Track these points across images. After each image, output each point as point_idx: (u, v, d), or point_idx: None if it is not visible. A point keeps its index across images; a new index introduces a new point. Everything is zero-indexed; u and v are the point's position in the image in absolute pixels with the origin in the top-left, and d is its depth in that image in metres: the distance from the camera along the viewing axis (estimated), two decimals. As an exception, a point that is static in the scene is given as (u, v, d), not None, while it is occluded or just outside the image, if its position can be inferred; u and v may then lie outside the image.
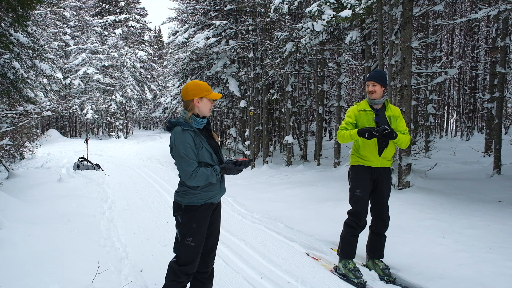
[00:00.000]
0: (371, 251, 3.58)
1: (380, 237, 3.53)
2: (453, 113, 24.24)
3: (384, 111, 3.43)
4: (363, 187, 3.39)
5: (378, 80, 3.35)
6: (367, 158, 3.38)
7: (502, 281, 3.08)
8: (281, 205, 6.49)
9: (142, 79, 34.49)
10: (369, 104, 3.43)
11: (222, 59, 14.16)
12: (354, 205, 3.44)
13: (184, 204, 2.48)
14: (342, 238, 3.53)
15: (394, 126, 3.39)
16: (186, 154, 2.33)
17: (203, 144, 2.41)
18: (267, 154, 13.22)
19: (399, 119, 3.47)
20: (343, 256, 3.48)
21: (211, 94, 2.48)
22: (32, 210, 5.38)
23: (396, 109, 3.50)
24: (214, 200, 2.54)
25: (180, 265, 2.47)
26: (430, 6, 8.15)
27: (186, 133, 2.36)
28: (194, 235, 2.46)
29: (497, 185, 6.49)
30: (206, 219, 2.51)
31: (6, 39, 7.29)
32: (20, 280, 3.06)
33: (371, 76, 3.41)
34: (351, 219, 3.46)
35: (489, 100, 10.08)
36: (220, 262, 3.89)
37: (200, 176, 2.35)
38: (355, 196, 3.42)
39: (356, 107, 3.48)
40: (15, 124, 8.77)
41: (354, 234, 3.46)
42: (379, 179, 3.42)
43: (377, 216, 3.48)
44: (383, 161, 3.39)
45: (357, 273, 3.32)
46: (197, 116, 2.47)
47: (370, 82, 3.39)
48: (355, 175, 3.47)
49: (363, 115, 3.40)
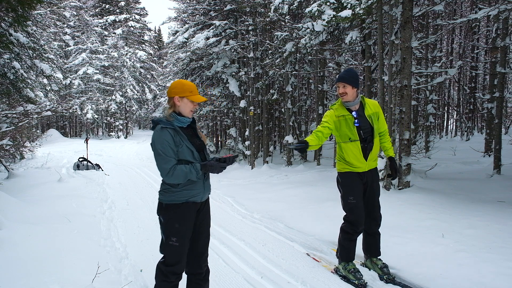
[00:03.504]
0: (368, 251, 3.55)
1: (375, 236, 3.50)
2: (453, 113, 24.24)
3: (363, 112, 3.26)
4: (356, 193, 3.30)
5: (348, 81, 3.14)
6: (354, 165, 3.29)
7: (502, 281, 3.08)
8: (281, 205, 6.49)
9: (142, 79, 34.48)
10: (345, 107, 3.24)
11: (222, 59, 14.16)
12: (350, 213, 3.35)
13: (165, 202, 2.46)
14: (340, 243, 3.47)
15: (376, 126, 3.27)
16: (164, 151, 2.33)
17: (183, 142, 2.39)
18: (267, 154, 13.22)
19: (380, 116, 3.32)
20: (342, 259, 3.45)
21: (193, 97, 2.45)
22: (32, 210, 5.38)
23: (375, 104, 3.34)
24: (197, 199, 2.49)
25: (168, 266, 2.46)
26: (430, 6, 8.15)
27: (165, 131, 2.36)
28: (178, 235, 2.44)
29: (497, 185, 6.49)
30: (189, 218, 2.47)
31: (6, 39, 7.29)
32: (20, 280, 3.06)
33: (340, 77, 3.17)
34: (347, 226, 3.37)
35: (489, 100, 10.08)
36: (220, 262, 3.89)
37: (178, 173, 2.33)
38: (350, 204, 3.32)
39: (333, 113, 3.27)
40: (15, 124, 8.77)
41: (351, 239, 3.40)
42: (368, 181, 3.37)
43: (369, 216, 3.41)
44: (370, 164, 3.32)
45: (358, 274, 3.29)
46: (179, 114, 2.47)
47: (340, 84, 3.18)
48: (345, 182, 3.37)
49: (342, 121, 3.23)
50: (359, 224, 3.33)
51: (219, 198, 7.52)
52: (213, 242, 4.59)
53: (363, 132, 3.23)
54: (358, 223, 3.32)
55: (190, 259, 2.60)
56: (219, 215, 6.03)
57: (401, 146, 6.19)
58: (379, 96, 7.43)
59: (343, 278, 3.42)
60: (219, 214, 6.10)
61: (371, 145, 3.28)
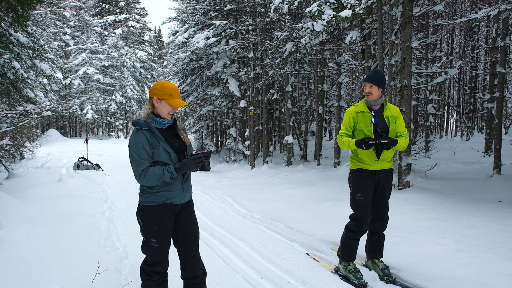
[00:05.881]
0: (370, 251, 3.56)
1: (379, 237, 3.50)
2: (453, 113, 24.23)
3: (382, 112, 3.36)
4: (364, 191, 3.33)
5: (375, 82, 3.28)
6: (366, 162, 3.33)
7: (502, 281, 3.08)
8: (281, 205, 6.49)
9: (142, 79, 34.48)
10: (367, 105, 3.37)
11: (222, 59, 14.16)
12: (356, 210, 3.37)
13: (143, 204, 2.45)
14: (343, 241, 3.48)
15: (393, 127, 3.33)
16: (137, 153, 2.33)
17: (160, 144, 2.37)
18: (267, 154, 13.23)
19: (399, 119, 3.40)
20: (343, 258, 3.45)
21: (172, 100, 2.40)
22: (32, 210, 5.38)
23: (395, 109, 3.43)
24: (175, 201, 2.45)
25: (150, 266, 2.47)
26: (430, 6, 8.14)
27: (140, 133, 2.35)
28: (157, 236, 2.43)
29: (497, 185, 6.48)
30: (168, 220, 2.45)
31: (6, 39, 7.29)
32: (20, 280, 3.06)
33: (368, 78, 3.34)
34: (352, 223, 3.39)
35: (489, 100, 10.07)
36: (220, 262, 3.89)
37: (150, 175, 2.31)
38: (357, 201, 3.35)
39: (353, 109, 3.41)
40: (15, 124, 8.76)
41: (355, 238, 3.41)
42: (380, 181, 3.38)
43: (377, 216, 3.44)
44: (382, 164, 3.35)
45: (358, 274, 3.30)
46: (157, 116, 2.44)
47: (367, 84, 3.33)
48: (356, 179, 3.40)
49: (360, 117, 3.34)
50: (363, 222, 3.33)
51: (219, 198, 7.52)
52: (213, 242, 4.59)
53: (380, 130, 3.31)
54: (362, 220, 3.33)
55: (182, 264, 2.58)
56: (219, 215, 6.03)
57: (401, 146, 6.19)
58: (379, 96, 7.42)
59: (343, 278, 3.42)
60: (219, 214, 6.10)
61: None
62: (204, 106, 16.53)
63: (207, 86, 16.32)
